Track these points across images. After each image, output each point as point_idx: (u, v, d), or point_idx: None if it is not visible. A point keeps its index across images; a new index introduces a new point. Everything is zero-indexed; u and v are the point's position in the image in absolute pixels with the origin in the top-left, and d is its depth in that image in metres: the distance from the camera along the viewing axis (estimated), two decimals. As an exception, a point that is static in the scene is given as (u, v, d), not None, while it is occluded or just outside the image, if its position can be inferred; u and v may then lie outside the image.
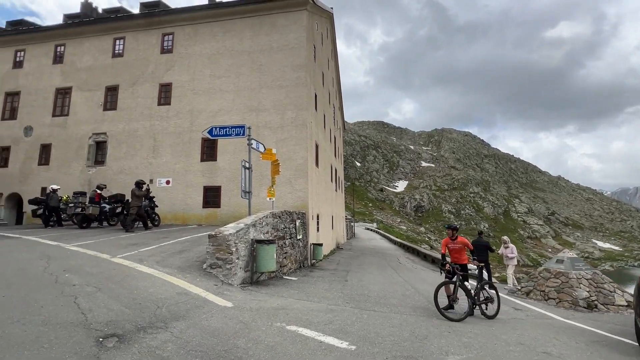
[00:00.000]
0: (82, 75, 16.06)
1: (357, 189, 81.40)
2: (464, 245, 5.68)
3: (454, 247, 5.71)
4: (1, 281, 4.41)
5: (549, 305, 6.72)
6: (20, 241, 8.01)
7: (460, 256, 5.66)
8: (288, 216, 9.74)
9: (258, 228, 7.02)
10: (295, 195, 12.88)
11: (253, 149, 8.37)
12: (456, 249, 5.68)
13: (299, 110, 13.46)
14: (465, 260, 5.73)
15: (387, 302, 6.04)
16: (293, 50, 13.98)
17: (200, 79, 14.68)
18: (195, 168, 13.96)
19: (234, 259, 5.58)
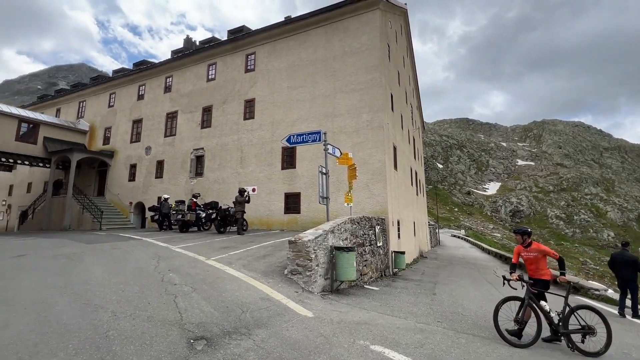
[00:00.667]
0: (185, 100, 18.71)
1: (440, 193, 75.59)
2: (541, 253, 4.45)
3: (527, 256, 4.56)
4: (124, 276, 5.16)
5: None
6: (140, 242, 9.51)
7: (537, 268, 4.50)
8: (367, 222, 9.36)
9: (337, 234, 6.84)
10: (373, 200, 12.41)
11: (329, 154, 8.30)
12: (530, 259, 4.52)
13: (374, 112, 13.03)
14: (546, 274, 4.51)
15: (487, 324, 5.12)
16: (366, 51, 13.68)
17: (279, 92, 15.54)
18: (277, 176, 14.72)
19: (314, 265, 5.48)
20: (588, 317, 4.07)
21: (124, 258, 6.85)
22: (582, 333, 4.01)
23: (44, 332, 2.95)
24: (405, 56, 21.38)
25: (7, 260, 6.33)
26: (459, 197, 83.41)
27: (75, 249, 7.97)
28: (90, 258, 6.78)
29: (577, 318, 4.06)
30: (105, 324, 3.23)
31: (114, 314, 3.48)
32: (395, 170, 14.29)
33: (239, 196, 11.60)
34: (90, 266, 5.97)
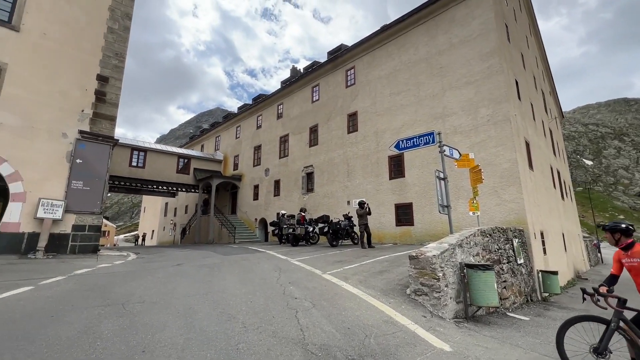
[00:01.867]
0: (294, 122, 20.37)
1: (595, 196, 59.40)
2: None
3: (630, 264, 3.06)
4: (252, 287, 5.51)
5: None
6: (264, 254, 10.38)
7: None
8: (501, 234, 7.74)
9: (465, 249, 5.77)
10: (504, 207, 10.39)
11: (446, 157, 7.29)
12: (635, 267, 3.01)
13: (495, 104, 11.12)
14: None
15: None
16: (479, 37, 11.97)
17: (380, 101, 15.15)
18: (385, 187, 14.12)
19: (442, 286, 4.66)
20: None
21: (251, 269, 7.46)
22: None
23: (189, 338, 3.21)
24: (528, 35, 17.97)
25: (170, 268, 7.74)
26: (625, 201, 63.80)
27: (215, 260, 9.23)
28: (226, 268, 7.65)
29: None
30: (236, 335, 3.33)
31: (243, 326, 3.59)
32: (530, 170, 11.74)
33: (359, 209, 11.46)
34: (225, 275, 6.68)
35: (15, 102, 9.42)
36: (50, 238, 9.42)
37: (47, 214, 9.34)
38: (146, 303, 4.38)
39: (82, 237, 10.11)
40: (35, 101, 9.81)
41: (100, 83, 11.08)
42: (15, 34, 9.72)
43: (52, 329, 3.32)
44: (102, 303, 4.32)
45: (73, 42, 10.76)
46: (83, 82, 10.75)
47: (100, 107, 10.99)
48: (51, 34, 10.38)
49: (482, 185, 10.78)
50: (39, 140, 9.76)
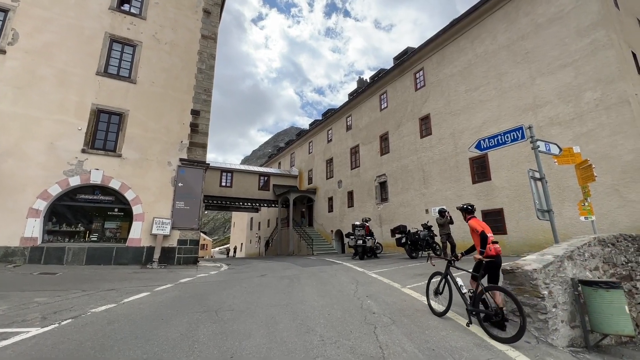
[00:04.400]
0: (363, 132, 20.30)
1: None
2: (471, 229, 4.36)
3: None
4: (329, 299, 5.53)
5: None
6: (341, 267, 10.38)
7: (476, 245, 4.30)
8: (630, 243, 6.20)
9: (578, 262, 4.77)
10: (631, 209, 8.40)
11: (541, 153, 6.26)
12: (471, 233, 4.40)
13: (605, 85, 9.23)
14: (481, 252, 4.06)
15: None
16: (574, 10, 10.22)
17: (455, 99, 14.04)
18: (468, 192, 12.85)
19: (549, 306, 3.91)
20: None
21: (329, 281, 7.52)
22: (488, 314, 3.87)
23: (270, 347, 3.35)
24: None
25: (255, 279, 8.34)
26: None
27: (295, 272, 9.60)
28: (305, 279, 7.87)
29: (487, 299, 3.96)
30: (315, 348, 3.34)
31: (321, 339, 3.59)
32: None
33: (439, 218, 10.88)
34: (305, 287, 6.86)
35: (134, 140, 11.63)
36: (162, 251, 11.15)
37: (159, 231, 11.12)
38: (235, 311, 4.76)
39: (185, 250, 11.69)
40: (147, 137, 11.94)
41: (193, 116, 12.93)
42: (133, 86, 12.09)
43: (162, 330, 3.86)
44: (200, 309, 4.87)
45: (173, 85, 12.86)
46: (181, 117, 12.69)
47: (194, 137, 12.77)
48: (157, 82, 12.60)
49: (595, 183, 8.93)
50: (151, 169, 11.78)
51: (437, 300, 4.62)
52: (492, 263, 4.11)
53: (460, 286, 4.26)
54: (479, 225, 4.28)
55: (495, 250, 4.11)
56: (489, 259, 4.07)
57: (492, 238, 4.19)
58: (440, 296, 4.62)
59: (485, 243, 4.09)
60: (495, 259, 4.09)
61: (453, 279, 4.43)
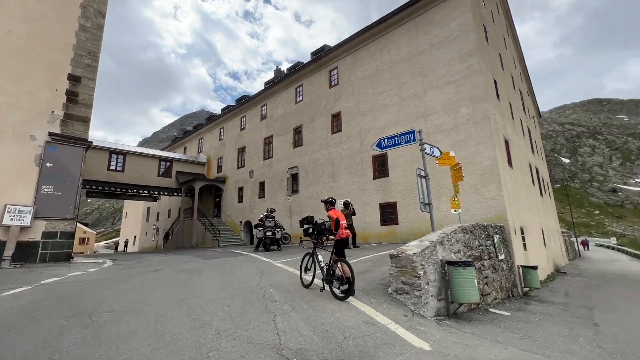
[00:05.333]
0: (278, 123, 20.18)
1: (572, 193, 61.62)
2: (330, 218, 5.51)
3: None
4: (231, 291, 5.33)
5: None
6: (247, 258, 10.16)
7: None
8: (482, 231, 7.83)
9: (447, 246, 5.78)
10: (485, 205, 10.55)
11: (427, 154, 7.32)
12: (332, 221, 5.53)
13: (475, 104, 11.31)
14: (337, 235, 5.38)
15: None
16: (458, 38, 12.16)
17: (364, 100, 15.19)
18: (369, 186, 14.14)
19: (423, 284, 4.62)
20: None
21: (233, 273, 7.26)
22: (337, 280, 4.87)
23: (157, 347, 3.03)
24: (506, 37, 18.44)
25: (147, 274, 7.44)
26: (600, 197, 66.54)
27: (196, 265, 8.95)
28: (207, 273, 7.42)
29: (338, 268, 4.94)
30: (209, 342, 3.17)
31: (217, 332, 3.43)
32: (510, 168, 11.99)
33: (344, 209, 11.52)
34: (206, 280, 6.46)
35: (-22, 103, 8.89)
36: (18, 246, 8.91)
37: (14, 221, 8.84)
38: (115, 312, 4.14)
39: (54, 244, 9.62)
40: (0, 102, 9.28)
41: (71, 83, 10.62)
42: (-22, 31, 9.18)
43: (8, 345, 3.07)
44: (68, 314, 4.06)
45: (42, 40, 10.27)
46: (53, 82, 10.27)
47: (72, 108, 10.52)
48: (17, 32, 9.87)
49: (463, 183, 10.92)
50: (4, 143, 9.23)
51: (306, 274, 5.77)
52: (342, 243, 5.29)
53: (319, 262, 5.31)
54: (335, 214, 5.41)
55: (346, 234, 5.32)
56: (340, 239, 5.26)
57: (345, 225, 5.38)
58: (309, 271, 5.76)
59: (338, 228, 5.25)
60: (344, 240, 5.32)
61: (316, 257, 5.47)
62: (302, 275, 5.78)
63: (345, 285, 4.69)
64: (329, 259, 5.25)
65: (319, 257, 5.46)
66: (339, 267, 4.90)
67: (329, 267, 5.15)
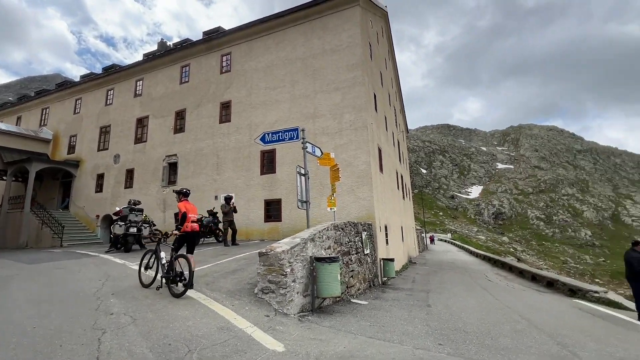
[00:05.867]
0: (156, 103, 17.53)
1: (426, 198, 76.03)
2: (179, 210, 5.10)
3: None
4: (49, 305, 4.09)
5: None
6: (96, 259, 8.31)
7: None
8: (352, 228, 8.52)
9: (318, 243, 5.96)
10: (359, 204, 11.63)
11: (309, 154, 7.47)
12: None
13: (357, 112, 12.36)
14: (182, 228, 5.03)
15: (496, 343, 4.34)
16: (347, 49, 13.07)
17: (256, 93, 14.69)
18: (256, 182, 13.75)
19: (289, 282, 4.57)
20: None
21: (64, 280, 5.72)
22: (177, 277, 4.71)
23: None
24: (387, 59, 21.05)
25: None
26: (443, 201, 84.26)
27: (10, 271, 6.73)
28: (22, 282, 5.61)
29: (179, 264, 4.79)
30: (-27, 386, 2.21)
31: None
32: (381, 173, 13.60)
33: (225, 205, 10.77)
34: (14, 292, 4.84)
35: None
36: None
37: None
38: None
39: None
40: None
41: None
42: None
43: None
44: None
45: None
46: None
47: None
48: None
49: (342, 183, 11.78)
50: None
51: (147, 273, 5.35)
52: (189, 237, 4.99)
53: (161, 259, 5.03)
54: (185, 207, 5.03)
55: (192, 227, 5.00)
56: (184, 233, 4.92)
57: (193, 218, 5.06)
58: (150, 269, 5.30)
59: (184, 222, 4.90)
60: (191, 235, 5.02)
61: (158, 254, 5.11)
62: (141, 275, 5.31)
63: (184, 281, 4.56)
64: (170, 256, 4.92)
65: (162, 254, 5.13)
66: (179, 263, 4.70)
67: (170, 264, 4.84)
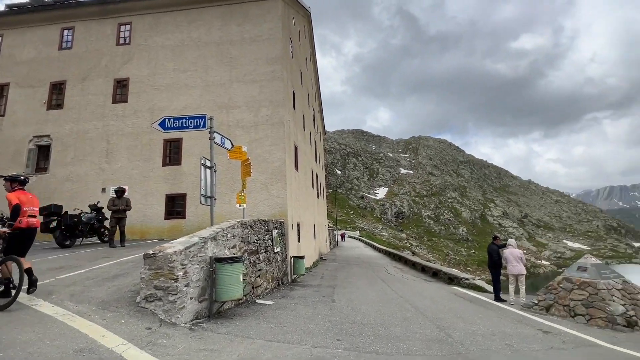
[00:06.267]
0: (23, 69, 13.92)
1: (339, 197, 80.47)
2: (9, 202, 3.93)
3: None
4: None
5: (577, 324, 5.60)
6: None
7: None
8: (263, 226, 8.21)
9: (221, 242, 5.47)
10: (272, 202, 11.37)
11: (217, 145, 6.86)
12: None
13: (274, 107, 12.07)
14: None
15: (388, 333, 4.66)
16: (267, 41, 12.66)
17: (162, 73, 13.00)
18: (156, 174, 12.16)
19: (181, 286, 4.02)
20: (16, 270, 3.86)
21: None
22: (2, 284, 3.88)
23: None
24: (308, 59, 21.32)
25: None
26: (355, 201, 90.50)
27: None
28: None
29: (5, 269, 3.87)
30: None
31: None
32: (296, 171, 13.62)
33: (115, 199, 9.11)
34: None
35: None
36: None
37: None
38: None
39: None
40: None
41: None
42: None
43: None
44: None
45: None
46: None
47: None
48: None
49: (256, 180, 11.34)
50: None
51: None
52: (22, 236, 3.99)
53: None
54: (17, 198, 3.96)
55: (28, 223, 4.00)
56: (17, 231, 3.91)
57: (31, 212, 4.06)
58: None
59: (17, 216, 3.85)
60: (27, 232, 4.02)
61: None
62: None
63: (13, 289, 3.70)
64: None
65: None
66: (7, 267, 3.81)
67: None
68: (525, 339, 4.62)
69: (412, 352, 3.84)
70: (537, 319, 5.91)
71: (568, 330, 5.18)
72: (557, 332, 5.04)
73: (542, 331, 5.11)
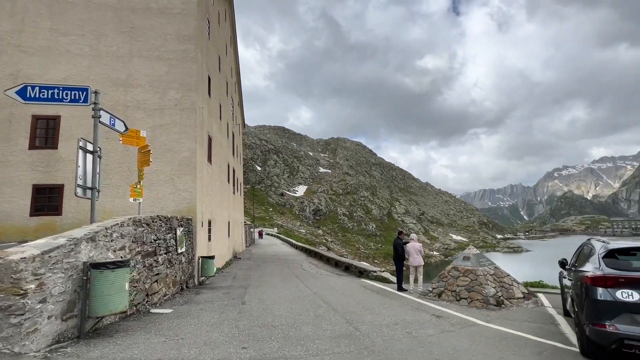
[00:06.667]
0: None
1: (258, 194, 78.58)
2: None
3: None
4: None
5: (462, 306, 6.44)
6: None
7: None
8: (164, 223, 7.18)
9: (102, 244, 4.46)
10: (179, 196, 10.15)
11: (104, 125, 5.63)
12: None
13: (186, 91, 10.80)
14: None
15: (299, 333, 4.49)
16: (180, 16, 11.24)
17: (33, 32, 10.32)
18: (19, 158, 9.59)
19: (32, 303, 3.06)
20: None
21: None
22: None
23: None
24: (228, 45, 19.97)
25: None
26: (274, 198, 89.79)
27: None
28: None
29: None
30: None
31: None
32: (209, 164, 12.53)
33: None
34: None
35: None
36: None
37: None
38: None
39: None
40: None
41: None
42: None
43: None
44: None
45: None
46: None
47: None
48: None
49: (161, 172, 9.97)
50: None
51: None
52: None
53: None
54: None
55: None
56: None
57: None
58: None
59: None
60: None
61: None
62: None
63: None
64: None
65: None
66: None
67: None
68: (422, 325, 5.03)
69: (321, 351, 3.72)
70: (432, 305, 6.58)
71: (455, 313, 5.87)
72: (447, 316, 5.66)
73: (435, 316, 5.67)
